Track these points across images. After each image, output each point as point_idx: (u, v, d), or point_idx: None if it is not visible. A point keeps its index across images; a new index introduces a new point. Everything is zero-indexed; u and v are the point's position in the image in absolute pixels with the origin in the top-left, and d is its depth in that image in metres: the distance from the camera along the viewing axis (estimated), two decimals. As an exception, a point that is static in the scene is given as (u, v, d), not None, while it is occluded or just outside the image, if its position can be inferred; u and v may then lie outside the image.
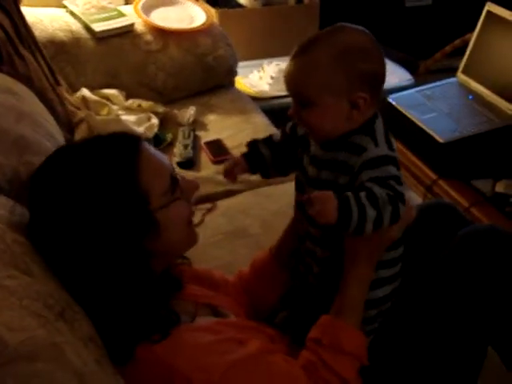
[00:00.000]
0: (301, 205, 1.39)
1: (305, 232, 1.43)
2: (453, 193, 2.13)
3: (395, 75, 3.35)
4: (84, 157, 1.22)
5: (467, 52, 2.62)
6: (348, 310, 1.31)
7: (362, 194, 1.19)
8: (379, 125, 1.31)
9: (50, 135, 1.67)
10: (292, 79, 1.31)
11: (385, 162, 1.25)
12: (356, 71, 1.26)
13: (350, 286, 1.32)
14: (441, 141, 2.27)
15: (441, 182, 2.20)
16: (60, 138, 1.80)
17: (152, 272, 1.23)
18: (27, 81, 2.01)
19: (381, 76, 1.31)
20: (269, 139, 1.51)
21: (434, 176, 2.23)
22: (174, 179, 1.26)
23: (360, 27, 1.32)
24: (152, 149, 1.27)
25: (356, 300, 1.32)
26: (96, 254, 1.15)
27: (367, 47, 1.28)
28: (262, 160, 1.49)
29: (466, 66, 2.63)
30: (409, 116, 2.46)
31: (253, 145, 1.51)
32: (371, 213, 1.19)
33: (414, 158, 2.37)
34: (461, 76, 2.63)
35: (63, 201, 1.16)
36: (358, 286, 1.32)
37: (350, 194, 1.19)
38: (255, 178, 1.54)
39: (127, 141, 1.25)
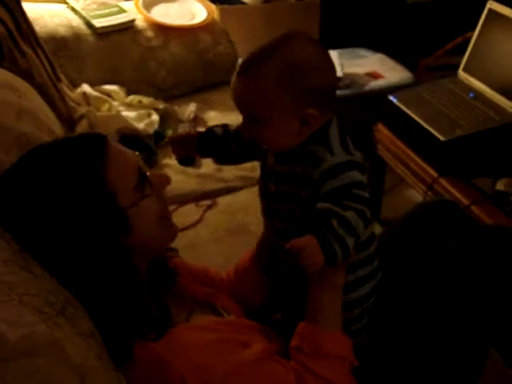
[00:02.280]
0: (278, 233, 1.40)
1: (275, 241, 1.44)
2: (453, 191, 2.12)
3: (395, 73, 3.34)
4: (51, 158, 1.20)
5: (468, 50, 2.61)
6: (322, 315, 1.29)
7: (335, 223, 1.17)
8: (333, 130, 1.29)
9: (51, 132, 1.67)
10: (237, 96, 1.28)
11: (343, 169, 1.23)
12: (302, 88, 1.23)
13: (317, 291, 1.30)
14: (441, 139, 2.26)
15: (441, 180, 2.18)
16: (61, 134, 1.80)
17: (135, 268, 1.22)
18: (28, 77, 2.01)
19: (330, 89, 1.27)
20: (226, 125, 1.50)
21: (434, 174, 2.22)
22: (142, 175, 1.24)
23: (305, 35, 1.27)
24: (118, 146, 1.25)
25: (329, 304, 1.30)
26: (73, 254, 1.14)
27: (312, 61, 1.24)
28: (213, 140, 1.48)
29: (467, 63, 2.62)
30: (409, 114, 2.45)
31: (209, 128, 1.51)
32: (350, 242, 1.19)
33: (414, 156, 2.36)
34: (462, 74, 2.63)
35: (33, 203, 1.15)
36: (327, 291, 1.30)
37: (325, 232, 1.17)
38: (255, 175, 1.54)
39: (93, 140, 1.23)
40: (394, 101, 2.57)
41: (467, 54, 2.62)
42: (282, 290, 1.50)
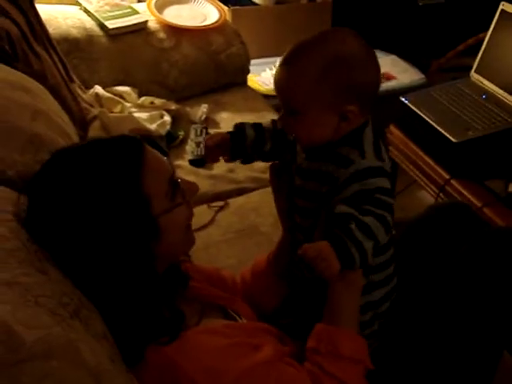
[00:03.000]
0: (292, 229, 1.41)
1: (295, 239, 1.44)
2: (465, 193, 2.12)
3: (407, 74, 3.35)
4: (88, 160, 1.18)
5: (481, 51, 2.61)
6: (340, 316, 1.28)
7: (353, 227, 1.18)
8: (368, 134, 1.29)
9: (65, 133, 1.68)
10: (279, 87, 1.29)
11: (371, 175, 1.23)
12: (344, 83, 1.23)
13: (336, 293, 1.29)
14: (454, 140, 2.26)
15: (453, 182, 2.18)
16: (74, 135, 1.81)
17: (157, 274, 1.22)
18: (41, 78, 2.02)
19: (372, 86, 1.28)
20: (257, 124, 1.49)
21: (446, 176, 2.22)
22: (174, 182, 1.24)
23: (353, 32, 1.27)
24: (154, 152, 1.24)
25: (348, 305, 1.30)
26: (100, 258, 1.13)
27: (357, 57, 1.24)
28: (245, 142, 1.46)
29: (479, 64, 2.61)
30: (422, 115, 2.45)
31: (239, 126, 1.49)
32: (368, 246, 1.19)
33: (426, 158, 2.36)
34: (474, 75, 2.62)
35: (67, 205, 1.14)
36: (346, 292, 1.29)
37: (342, 235, 1.17)
38: (267, 176, 1.54)
39: (131, 144, 1.22)
40: (406, 102, 2.57)
41: (480, 56, 2.61)
42: (297, 295, 1.49)
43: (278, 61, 3.47)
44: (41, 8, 2.46)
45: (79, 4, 2.91)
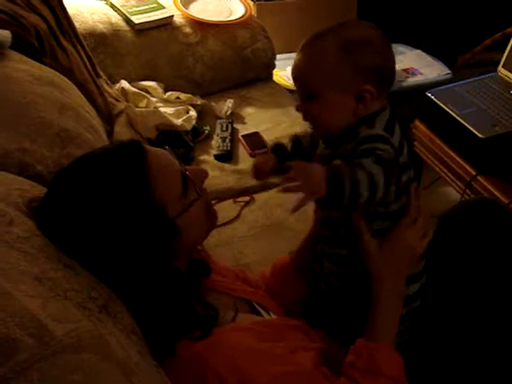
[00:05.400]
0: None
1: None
2: (492, 189, 2.11)
3: (433, 69, 3.32)
4: (94, 173, 1.18)
5: (509, 46, 2.59)
6: (381, 330, 1.28)
7: (357, 169, 1.13)
8: (383, 117, 1.28)
9: (92, 127, 1.69)
10: (298, 71, 1.30)
11: (375, 140, 1.22)
12: (362, 64, 1.25)
13: (380, 306, 1.29)
14: (480, 136, 2.25)
15: (480, 178, 2.17)
16: (101, 130, 1.82)
17: (175, 267, 1.22)
18: (69, 73, 2.03)
19: (388, 70, 1.29)
20: (294, 137, 1.49)
21: (473, 172, 2.21)
22: (184, 178, 1.24)
23: (369, 23, 1.30)
24: (157, 152, 1.24)
25: (389, 319, 1.30)
26: (123, 260, 1.14)
27: (373, 41, 1.27)
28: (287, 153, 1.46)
29: (506, 60, 2.59)
30: (448, 111, 2.44)
31: (278, 145, 1.48)
32: (364, 191, 1.13)
33: (452, 154, 2.34)
34: (502, 70, 2.60)
35: (82, 218, 1.14)
36: (389, 304, 1.30)
37: (342, 167, 1.14)
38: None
39: (131, 152, 1.20)
40: (432, 97, 2.56)
41: (507, 51, 2.59)
42: (317, 295, 1.49)
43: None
44: (67, 3, 2.48)
45: (106, -1, 2.93)
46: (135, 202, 1.15)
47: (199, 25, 2.91)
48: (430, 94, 2.58)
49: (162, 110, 2.57)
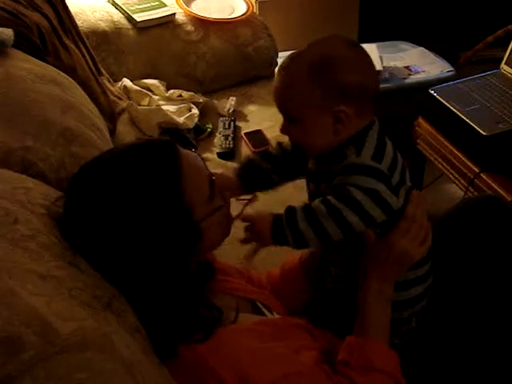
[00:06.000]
0: None
1: None
2: (495, 186, 2.10)
3: (436, 66, 3.31)
4: (125, 169, 1.17)
5: (511, 43, 2.58)
6: (370, 329, 1.28)
7: (299, 212, 1.21)
8: (372, 136, 1.27)
9: (95, 126, 1.69)
10: (276, 95, 1.30)
11: (358, 171, 1.23)
12: (333, 83, 1.23)
13: (366, 305, 1.30)
14: (483, 133, 2.25)
15: (483, 176, 2.17)
16: (104, 128, 1.82)
17: (189, 269, 1.23)
18: (71, 71, 2.03)
19: (366, 87, 1.26)
20: (265, 152, 1.49)
21: (476, 169, 2.20)
22: (212, 183, 1.25)
23: (344, 38, 1.29)
24: (189, 154, 1.24)
25: (377, 318, 1.30)
26: (141, 262, 1.14)
27: (348, 58, 1.25)
28: (261, 171, 1.46)
29: (509, 57, 2.59)
30: (451, 108, 2.43)
31: (248, 161, 1.49)
32: (303, 226, 1.20)
33: (455, 151, 2.34)
34: (504, 67, 2.60)
35: (108, 217, 1.14)
36: (375, 304, 1.30)
37: (285, 216, 1.22)
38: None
39: (165, 150, 1.21)
40: (435, 95, 2.55)
41: (510, 47, 2.58)
42: (323, 300, 1.49)
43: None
44: (70, 1, 2.47)
45: (108, -3, 2.93)
46: (165, 200, 1.15)
47: (201, 22, 2.91)
48: (432, 92, 2.58)
49: (165, 108, 2.56)
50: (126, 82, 2.63)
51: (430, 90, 2.59)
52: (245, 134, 2.57)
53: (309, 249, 1.41)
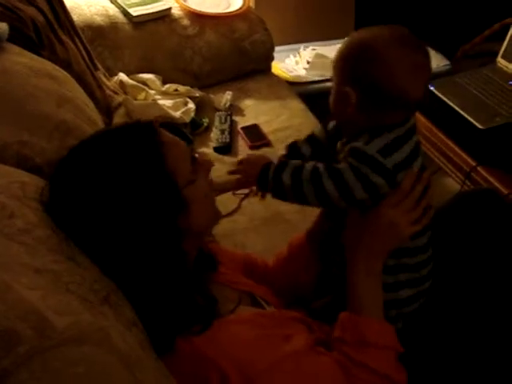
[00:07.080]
0: None
1: None
2: (492, 180, 2.11)
3: (432, 60, 3.30)
4: (109, 145, 1.19)
5: (507, 36, 2.58)
6: (362, 304, 1.29)
7: (291, 163, 1.31)
8: (394, 136, 1.28)
9: (91, 120, 1.69)
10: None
11: (355, 155, 1.27)
12: (353, 67, 1.29)
13: (355, 280, 1.31)
14: (480, 127, 2.25)
15: (480, 169, 2.17)
16: (100, 122, 1.82)
17: (185, 253, 1.22)
18: (67, 65, 2.03)
19: (384, 87, 1.26)
20: (311, 137, 1.51)
21: (472, 163, 2.20)
22: (193, 158, 1.26)
23: (404, 36, 1.33)
24: (166, 132, 1.26)
25: (367, 297, 1.30)
26: (129, 238, 1.13)
27: (380, 54, 1.26)
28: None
29: (506, 50, 2.59)
30: (447, 102, 2.44)
31: (292, 145, 1.52)
32: (286, 178, 1.30)
33: (452, 145, 2.34)
34: (501, 61, 2.60)
35: (92, 190, 1.14)
36: (363, 283, 1.30)
37: (277, 162, 1.33)
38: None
39: (145, 128, 1.23)
40: (432, 89, 2.55)
41: (506, 41, 2.59)
42: (330, 274, 1.49)
43: (301, 47, 3.46)
44: (65, -5, 2.47)
45: (103, -9, 2.92)
46: (148, 165, 1.16)
47: (197, 17, 2.90)
48: (429, 85, 2.57)
49: (161, 102, 2.56)
50: (122, 76, 2.63)
51: (426, 84, 2.58)
52: (241, 128, 2.57)
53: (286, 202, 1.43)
